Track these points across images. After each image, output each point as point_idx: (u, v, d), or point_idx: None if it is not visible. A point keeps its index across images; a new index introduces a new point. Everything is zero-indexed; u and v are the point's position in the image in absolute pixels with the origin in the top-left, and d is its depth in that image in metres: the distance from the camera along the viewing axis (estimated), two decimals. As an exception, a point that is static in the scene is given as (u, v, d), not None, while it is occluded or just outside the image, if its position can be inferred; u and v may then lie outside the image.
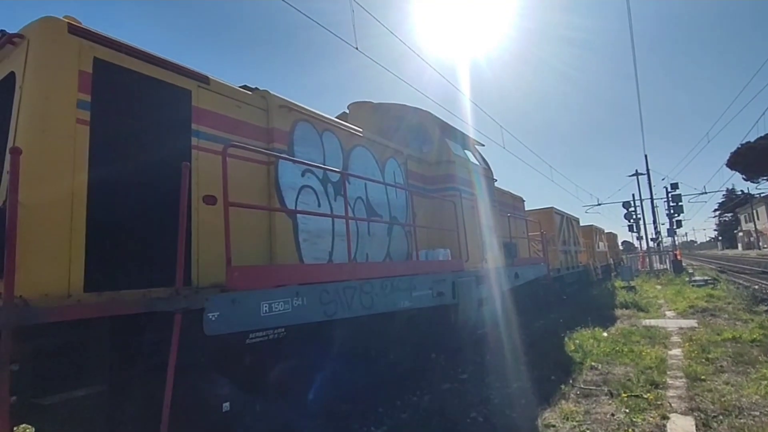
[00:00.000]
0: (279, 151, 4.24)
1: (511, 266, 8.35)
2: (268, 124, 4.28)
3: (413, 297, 4.96)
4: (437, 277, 5.51)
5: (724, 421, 3.94)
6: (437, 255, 5.83)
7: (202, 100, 3.71)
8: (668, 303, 12.65)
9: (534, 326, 8.65)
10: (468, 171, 7.32)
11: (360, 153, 5.42)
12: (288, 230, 4.20)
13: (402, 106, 7.14)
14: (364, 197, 5.32)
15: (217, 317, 2.83)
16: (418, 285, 5.05)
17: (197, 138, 3.60)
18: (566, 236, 15.27)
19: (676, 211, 29.14)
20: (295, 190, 4.36)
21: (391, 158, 6.00)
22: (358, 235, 5.07)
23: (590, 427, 4.03)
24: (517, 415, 4.43)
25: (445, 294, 5.63)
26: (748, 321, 8.63)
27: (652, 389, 4.88)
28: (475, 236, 7.02)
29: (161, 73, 3.43)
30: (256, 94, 4.33)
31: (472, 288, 6.35)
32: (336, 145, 5.04)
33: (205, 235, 3.49)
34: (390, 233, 5.66)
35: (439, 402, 4.89)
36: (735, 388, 4.76)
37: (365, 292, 4.20)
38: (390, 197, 5.80)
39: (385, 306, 4.48)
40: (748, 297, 12.39)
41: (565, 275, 14.32)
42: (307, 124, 4.68)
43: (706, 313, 10.14)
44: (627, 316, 10.52)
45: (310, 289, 3.59)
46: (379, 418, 4.55)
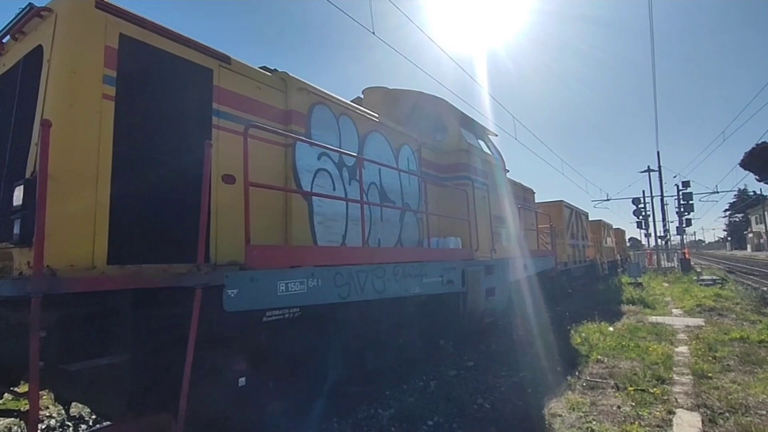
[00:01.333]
0: (296, 133, 4.26)
1: (519, 257, 8.36)
2: (286, 106, 4.30)
3: (424, 283, 5.00)
4: (447, 265, 5.54)
5: (730, 418, 3.96)
6: (448, 243, 5.86)
7: (224, 80, 3.73)
8: (675, 301, 12.65)
9: (541, 318, 8.74)
10: (481, 160, 7.29)
11: (375, 138, 5.43)
12: (303, 212, 4.24)
13: (417, 93, 7.11)
14: (377, 183, 5.34)
15: (236, 294, 2.89)
16: (428, 272, 5.09)
17: (218, 117, 3.62)
18: (575, 230, 15.23)
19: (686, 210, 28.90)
20: (311, 173, 4.39)
21: (405, 145, 6.00)
22: (371, 220, 5.11)
23: (596, 417, 4.07)
24: (524, 404, 4.48)
25: (454, 282, 5.67)
26: (756, 322, 8.61)
27: (658, 384, 4.90)
28: (485, 226, 7.03)
29: (184, 51, 3.45)
30: (276, 76, 4.34)
31: (481, 277, 6.39)
32: (352, 129, 5.05)
33: (224, 214, 3.54)
34: (402, 219, 5.69)
35: (446, 388, 4.94)
36: (742, 387, 4.78)
37: (378, 277, 4.25)
38: (403, 184, 5.81)
39: (397, 291, 4.53)
40: (756, 298, 12.35)
41: (572, 269, 14.33)
42: (324, 107, 4.68)
43: (714, 313, 10.12)
44: (633, 312, 10.52)
45: (325, 271, 3.64)
46: (386, 401, 4.63)
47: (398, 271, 4.56)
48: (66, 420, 4.53)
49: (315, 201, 4.36)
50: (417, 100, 7.15)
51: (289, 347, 3.72)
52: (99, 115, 2.85)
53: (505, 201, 8.12)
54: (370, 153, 5.25)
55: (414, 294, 4.85)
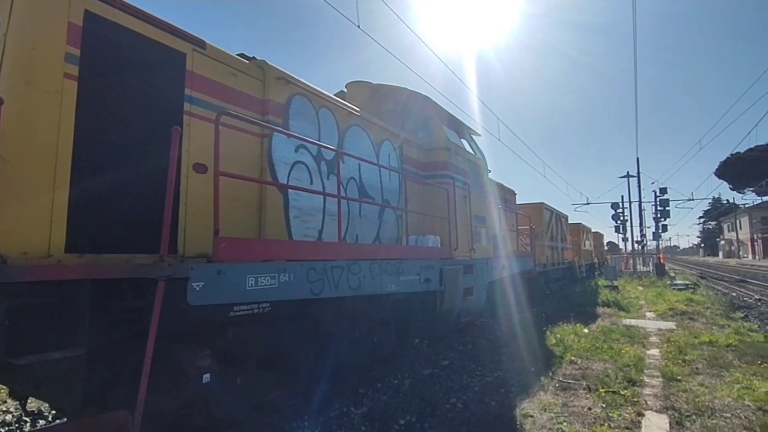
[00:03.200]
0: (273, 124, 4.15)
1: (498, 258, 8.40)
2: (264, 96, 4.18)
3: (400, 281, 4.95)
4: (425, 264, 5.51)
5: (696, 421, 4.04)
6: (427, 241, 5.83)
7: (197, 65, 3.60)
8: (649, 304, 12.91)
9: (518, 318, 8.84)
10: (463, 160, 7.28)
11: (356, 133, 5.35)
12: (279, 205, 4.14)
13: (401, 89, 7.04)
14: (357, 178, 5.27)
15: (201, 287, 2.78)
16: (405, 270, 5.04)
17: (190, 103, 3.49)
18: (554, 232, 15.43)
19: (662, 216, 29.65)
20: (288, 165, 4.29)
21: (386, 141, 5.94)
22: (349, 216, 5.03)
23: (567, 419, 4.10)
24: (496, 404, 4.50)
25: (432, 281, 5.64)
26: (724, 326, 8.87)
27: (629, 386, 4.97)
28: (465, 225, 7.02)
29: (156, 33, 3.31)
30: (254, 64, 4.22)
31: (459, 277, 6.38)
32: (332, 122, 4.96)
33: (194, 204, 3.42)
34: (381, 216, 5.63)
35: (420, 387, 4.93)
36: (709, 390, 4.87)
37: (353, 273, 4.17)
38: (383, 180, 5.75)
39: (372, 288, 4.47)
40: (726, 303, 12.78)
41: (550, 271, 14.51)
42: (303, 98, 4.58)
43: (685, 317, 10.36)
44: (608, 315, 10.73)
45: (298, 266, 3.55)
46: (359, 399, 4.58)
47: (375, 268, 4.50)
48: (23, 415, 4.34)
49: (291, 194, 4.26)
50: (401, 97, 7.09)
51: (258, 343, 3.62)
52: (59, 94, 2.70)
53: (485, 201, 8.14)
54: (350, 147, 5.16)
55: (390, 292, 4.80)
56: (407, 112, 7.07)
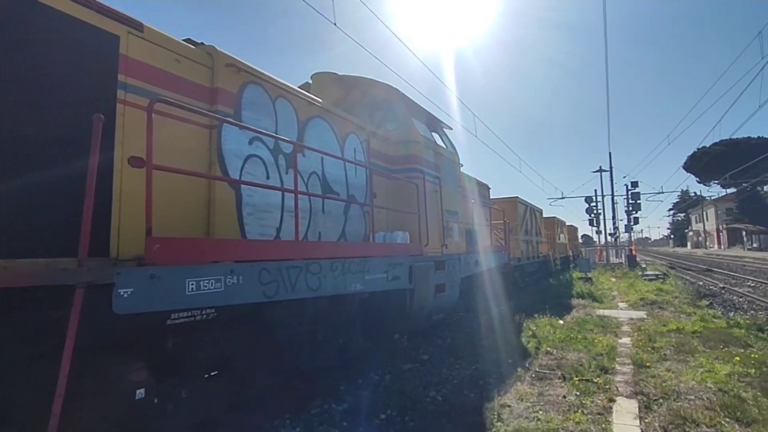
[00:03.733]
0: (224, 114, 3.85)
1: (472, 253, 8.27)
2: (212, 84, 3.87)
3: (366, 280, 4.73)
4: (393, 261, 5.29)
5: (663, 404, 4.21)
6: (395, 238, 5.62)
7: (134, 49, 3.26)
8: (621, 295, 13.17)
9: (494, 312, 8.88)
10: (433, 153, 7.09)
11: (318, 125, 5.07)
12: (230, 202, 3.84)
13: (368, 80, 6.78)
14: (319, 172, 5.00)
15: (130, 294, 2.49)
16: (371, 268, 4.81)
17: (124, 91, 3.16)
18: (529, 226, 15.47)
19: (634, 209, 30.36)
20: (241, 158, 3.99)
21: (352, 133, 5.68)
22: (311, 213, 4.77)
23: (543, 407, 4.19)
24: (475, 395, 4.57)
25: (401, 278, 5.44)
26: (691, 314, 9.18)
27: (601, 374, 5.10)
28: (436, 220, 6.84)
29: (82, 12, 2.96)
30: (201, 50, 3.89)
31: (430, 273, 6.19)
32: (291, 113, 4.67)
33: (131, 202, 3.10)
34: (347, 212, 5.38)
35: (400, 381, 4.96)
36: (675, 375, 5.06)
37: (312, 273, 3.92)
38: (349, 174, 5.50)
39: (335, 288, 4.23)
40: (692, 292, 13.21)
41: (525, 264, 14.55)
42: (258, 87, 4.28)
43: (655, 306, 10.64)
44: (582, 306, 10.90)
45: (248, 268, 3.28)
46: (341, 395, 4.58)
47: (337, 267, 4.26)
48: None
49: (245, 190, 3.97)
50: (368, 88, 6.83)
51: (205, 352, 3.34)
52: (-40, 78, 2.36)
53: (458, 195, 7.98)
54: (311, 140, 4.89)
55: (355, 291, 4.57)
56: (375, 105, 6.82)
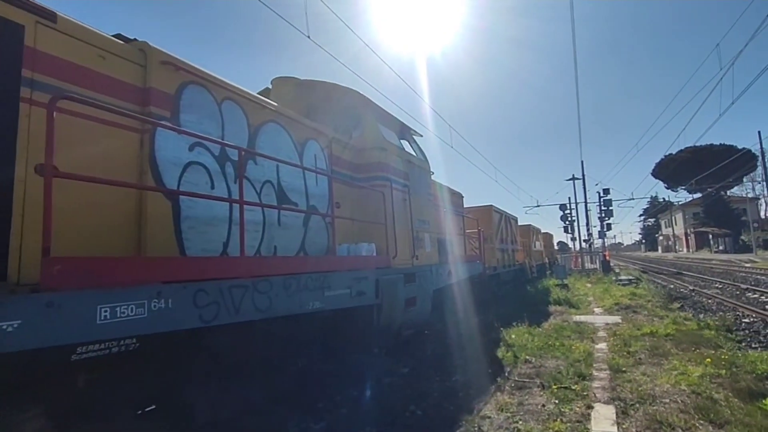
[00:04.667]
0: (157, 117, 3.44)
1: (445, 263, 7.96)
2: (144, 83, 3.46)
3: (326, 297, 4.33)
4: (358, 275, 4.92)
5: (640, 409, 4.23)
6: (359, 250, 5.25)
7: (43, 42, 2.84)
8: (597, 300, 13.24)
9: (471, 323, 8.70)
10: (402, 160, 6.79)
11: (272, 130, 4.69)
12: (165, 215, 3.41)
13: (331, 85, 6.46)
14: (274, 181, 4.60)
15: (17, 327, 2.04)
16: (333, 283, 4.43)
17: (30, 89, 2.73)
18: (504, 234, 15.33)
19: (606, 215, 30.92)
20: (179, 166, 3.57)
21: (311, 140, 5.31)
22: (265, 225, 4.36)
23: (523, 417, 4.16)
24: (455, 408, 4.50)
25: (366, 293, 5.06)
26: (663, 317, 9.25)
27: (579, 381, 5.09)
28: (405, 231, 6.51)
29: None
30: (132, 46, 3.49)
31: (399, 287, 5.84)
32: (240, 117, 4.28)
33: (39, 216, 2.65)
34: (306, 224, 4.99)
35: (380, 396, 4.89)
36: (650, 378, 5.10)
37: (260, 292, 3.51)
38: (309, 183, 5.12)
39: (289, 308, 3.82)
40: (664, 295, 13.43)
41: (502, 273, 14.35)
42: (200, 88, 3.88)
43: (629, 310, 10.72)
44: (560, 312, 10.92)
45: (180, 289, 2.85)
46: (318, 413, 4.44)
47: (291, 284, 3.86)
48: None
49: (184, 202, 3.55)
50: (331, 93, 6.50)
51: (129, 389, 2.88)
52: None
53: (428, 204, 7.69)
54: (265, 146, 4.51)
55: (314, 310, 4.17)
56: (339, 110, 6.50)
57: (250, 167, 4.28)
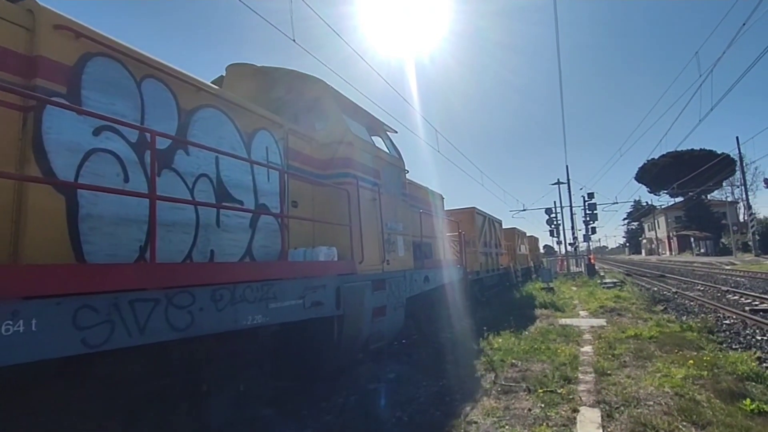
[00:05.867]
0: (49, 93, 2.77)
1: (421, 269, 7.35)
2: (31, 51, 2.79)
3: (271, 310, 3.68)
4: (313, 283, 4.27)
5: (624, 412, 4.16)
6: (317, 254, 4.60)
7: None
8: (582, 303, 13.07)
9: (454, 330, 8.24)
10: (372, 157, 6.17)
11: (211, 117, 4.02)
12: (56, 212, 2.73)
13: (293, 73, 5.80)
14: (213, 175, 3.94)
15: None
16: (280, 293, 3.78)
17: None
18: (488, 238, 14.76)
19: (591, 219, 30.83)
20: (79, 153, 2.90)
21: (262, 130, 4.66)
22: (198, 226, 3.70)
23: (509, 422, 4.07)
24: (441, 413, 4.41)
25: (324, 304, 4.42)
26: (647, 320, 9.18)
27: (565, 384, 5.00)
28: (374, 233, 5.88)
29: None
30: (19, 6, 2.82)
31: (366, 295, 5.20)
32: (167, 99, 3.61)
33: None
34: (254, 225, 4.33)
35: (366, 402, 4.77)
36: (635, 381, 5.03)
37: (177, 307, 2.84)
38: (258, 179, 4.46)
39: (219, 324, 3.15)
40: (648, 298, 13.34)
41: (485, 278, 13.77)
42: (111, 62, 3.21)
43: (614, 313, 10.62)
44: (546, 316, 10.74)
45: (51, 307, 2.18)
46: (302, 420, 4.28)
47: (222, 295, 3.20)
48: None
49: (84, 197, 2.88)
50: (291, 81, 5.86)
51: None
52: None
53: (402, 205, 7.07)
54: (200, 135, 3.84)
55: (254, 325, 3.51)
56: (300, 100, 5.86)
57: (180, 158, 3.62)
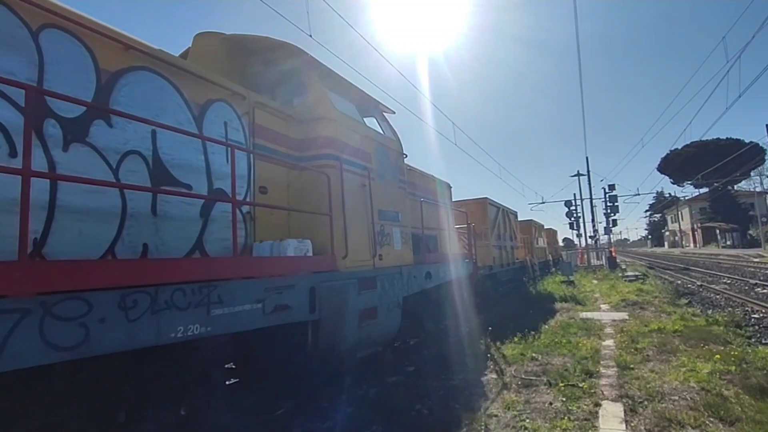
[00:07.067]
0: None
1: (423, 264, 6.50)
2: None
3: (214, 318, 2.91)
4: (277, 283, 3.50)
5: (648, 406, 4.00)
6: (285, 248, 3.80)
7: None
8: (603, 297, 12.58)
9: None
10: (361, 137, 5.32)
11: (145, 82, 3.24)
12: None
13: (267, 41, 4.94)
14: (148, 153, 3.17)
15: None
16: (227, 297, 3.01)
17: None
18: (502, 230, 13.71)
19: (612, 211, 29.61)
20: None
21: (220, 102, 3.86)
22: (125, 214, 2.95)
23: (530, 416, 3.96)
24: (461, 406, 4.30)
25: (292, 307, 3.63)
26: (671, 313, 8.80)
27: (586, 378, 4.86)
28: (363, 223, 5.05)
29: None
30: None
31: (350, 296, 4.39)
32: (81, 57, 2.84)
33: None
34: (207, 215, 3.56)
35: (386, 395, 4.70)
36: (658, 376, 4.84)
37: (61, 319, 2.10)
38: (213, 160, 3.67)
39: (128, 340, 2.40)
40: (671, 291, 12.81)
41: (499, 273, 12.77)
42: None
43: (636, 306, 10.19)
44: (566, 309, 10.34)
45: None
46: (324, 412, 4.23)
47: (136, 301, 2.44)
48: None
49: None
50: (268, 52, 5.04)
51: None
52: None
53: (400, 192, 6.21)
54: (129, 103, 3.08)
55: (188, 338, 2.75)
56: (277, 72, 5.06)
57: (99, 131, 2.86)
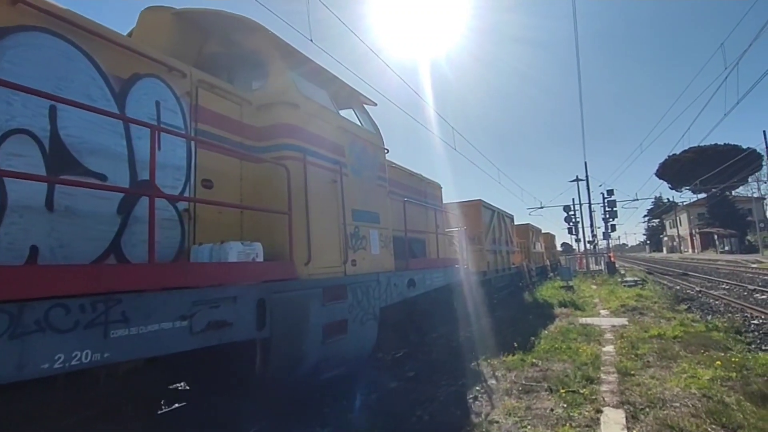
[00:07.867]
0: None
1: (405, 270, 5.85)
2: None
3: (113, 341, 2.27)
4: (209, 295, 2.85)
5: (650, 413, 3.93)
6: (226, 252, 3.15)
7: None
8: (602, 302, 12.36)
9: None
10: (332, 128, 4.68)
11: (42, 45, 2.61)
12: None
13: (224, 16, 4.28)
14: (43, 133, 2.53)
15: None
16: (134, 313, 2.36)
17: None
18: (497, 234, 13.02)
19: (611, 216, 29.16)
20: None
21: (150, 77, 3.22)
22: (6, 208, 2.31)
23: (531, 422, 3.89)
24: (462, 412, 4.26)
25: (233, 324, 2.99)
26: (671, 319, 8.67)
27: (587, 384, 4.80)
28: (332, 224, 4.40)
29: None
30: None
31: (312, 308, 3.74)
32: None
33: None
34: (126, 211, 2.91)
35: (386, 400, 4.66)
36: (659, 382, 4.78)
37: None
38: (138, 146, 3.03)
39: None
40: (671, 297, 12.63)
41: (494, 278, 12.09)
42: None
43: (636, 312, 10.07)
44: (566, 315, 10.19)
45: None
46: (324, 418, 4.14)
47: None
48: None
49: None
50: (227, 30, 4.41)
51: None
52: None
53: (379, 191, 5.56)
54: (16, 70, 2.44)
55: (70, 369, 2.10)
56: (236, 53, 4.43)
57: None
